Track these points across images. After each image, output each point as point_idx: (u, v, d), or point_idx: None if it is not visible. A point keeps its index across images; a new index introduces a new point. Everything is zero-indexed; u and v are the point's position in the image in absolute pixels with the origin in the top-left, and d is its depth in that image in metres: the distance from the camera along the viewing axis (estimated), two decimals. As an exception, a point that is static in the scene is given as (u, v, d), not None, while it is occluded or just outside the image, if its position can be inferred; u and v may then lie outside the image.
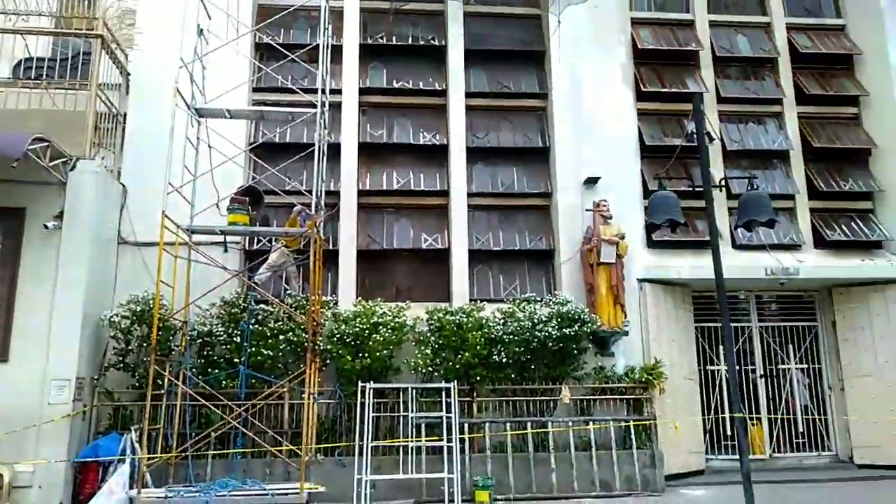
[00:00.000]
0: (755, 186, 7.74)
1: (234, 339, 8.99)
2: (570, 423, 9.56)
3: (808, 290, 12.25)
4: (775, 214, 8.02)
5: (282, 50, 9.85)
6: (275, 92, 11.19)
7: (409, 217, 11.36)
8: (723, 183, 8.42)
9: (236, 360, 8.89)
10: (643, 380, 9.93)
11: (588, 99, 11.42)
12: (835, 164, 12.31)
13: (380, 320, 9.27)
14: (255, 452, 8.64)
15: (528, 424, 9.42)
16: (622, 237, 10.49)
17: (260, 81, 11.19)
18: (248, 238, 10.43)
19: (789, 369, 12.09)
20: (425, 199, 11.38)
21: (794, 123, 12.36)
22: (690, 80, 12.13)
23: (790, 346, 12.15)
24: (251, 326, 9.00)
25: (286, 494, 7.78)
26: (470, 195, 11.26)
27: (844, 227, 11.96)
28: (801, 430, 11.87)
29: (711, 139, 11.40)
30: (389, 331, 9.23)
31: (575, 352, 9.86)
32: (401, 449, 8.91)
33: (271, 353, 8.99)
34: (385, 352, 9.16)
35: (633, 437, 9.57)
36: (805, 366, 12.13)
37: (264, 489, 7.81)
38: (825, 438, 11.87)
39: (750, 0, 13.07)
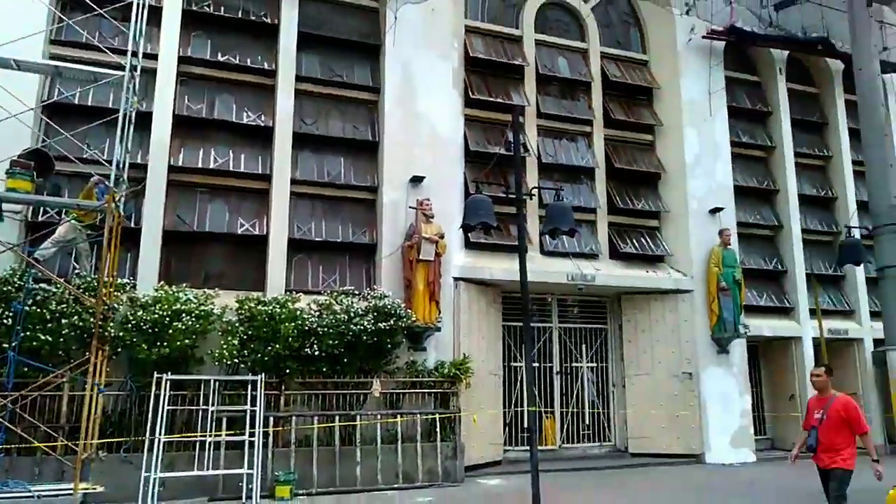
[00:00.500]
0: (561, 198, 8.34)
1: (4, 321, 7.87)
2: (379, 417, 9.67)
3: (601, 296, 13.53)
4: (577, 225, 8.75)
5: (88, 2, 8.82)
6: (78, 48, 10.02)
7: (225, 199, 10.75)
8: (534, 192, 8.98)
9: (5, 345, 7.79)
10: (452, 374, 10.31)
11: (420, 99, 11.61)
12: (631, 184, 13.72)
13: (183, 307, 8.66)
14: (21, 450, 7.65)
15: (337, 418, 9.36)
16: (442, 236, 10.81)
17: (61, 34, 9.96)
18: (31, 208, 9.21)
19: (581, 367, 13.27)
20: (245, 182, 10.85)
21: (600, 144, 13.59)
22: (515, 92, 12.83)
23: (583, 346, 13.35)
24: (26, 308, 7.94)
25: (57, 496, 6.97)
26: (294, 182, 10.93)
27: (635, 242, 13.38)
28: (587, 422, 13.09)
29: (528, 150, 12.29)
30: (193, 319, 8.66)
31: (389, 346, 9.98)
32: (197, 444, 8.40)
33: (50, 339, 8.01)
34: (187, 341, 8.58)
35: (438, 429, 9.90)
36: (594, 364, 13.39)
37: (29, 490, 6.92)
38: (607, 430, 13.19)
39: (572, 26, 14.14)
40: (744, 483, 10.46)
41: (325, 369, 9.54)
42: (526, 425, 12.11)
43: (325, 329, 9.35)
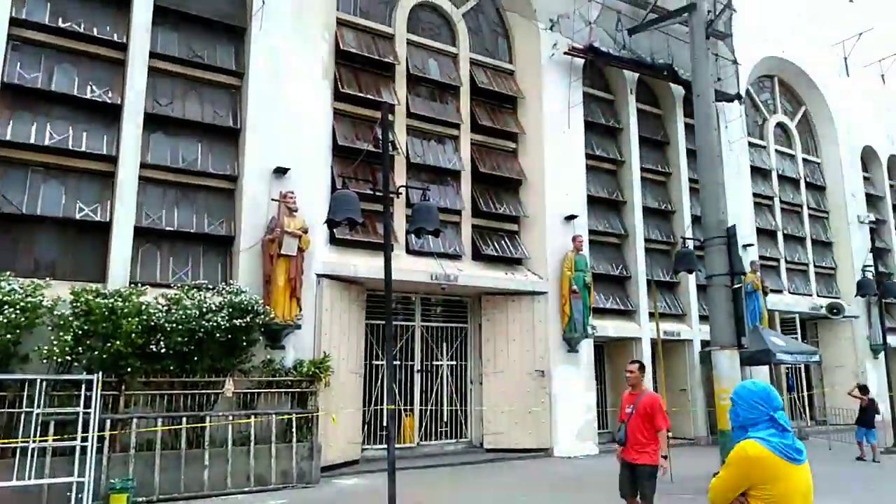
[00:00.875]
0: (428, 198, 8.41)
1: None
2: (231, 418, 9.21)
3: (463, 296, 13.84)
4: (443, 226, 8.89)
5: None
6: None
7: (62, 180, 9.73)
8: (402, 191, 8.99)
9: None
10: (311, 373, 10.06)
11: (287, 88, 11.21)
12: (494, 188, 14.18)
13: (6, 298, 7.71)
14: None
15: (184, 419, 8.79)
16: (305, 231, 10.51)
17: None
18: None
19: (442, 365, 13.49)
20: (86, 163, 9.88)
21: (467, 148, 13.91)
22: (385, 90, 12.78)
23: (444, 345, 13.58)
24: None
25: None
26: (145, 166, 10.13)
27: (496, 244, 13.84)
28: (445, 420, 13.32)
29: (396, 149, 12.29)
30: (17, 311, 7.73)
31: (245, 343, 9.53)
32: (18, 451, 7.51)
33: None
34: (9, 336, 7.65)
35: (294, 430, 9.61)
36: (454, 363, 13.67)
37: None
38: (464, 427, 13.52)
39: (444, 29, 14.35)
40: (585, 473, 11.14)
41: (172, 368, 8.92)
42: (385, 423, 12.09)
43: (174, 325, 8.73)
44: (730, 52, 17.11)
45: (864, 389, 13.83)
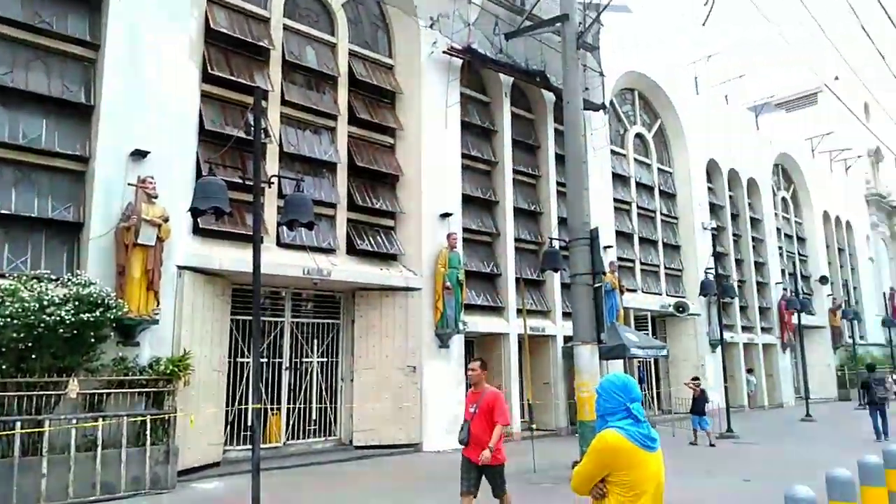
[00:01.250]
0: (302, 189, 8.13)
1: None
2: (76, 421, 8.40)
3: (336, 291, 13.59)
4: (317, 219, 8.63)
5: None
6: None
7: None
8: (274, 180, 8.63)
9: None
10: (168, 371, 9.42)
11: (148, 65, 10.39)
12: (371, 183, 14.05)
13: None
14: None
15: (18, 424, 7.90)
16: (166, 219, 9.81)
17: None
18: None
19: (312, 362, 13.17)
20: None
21: (344, 140, 13.67)
22: (259, 75, 12.25)
23: (315, 341, 13.27)
24: None
25: None
26: (-25, 141, 8.99)
27: (371, 239, 13.72)
28: (314, 418, 13.02)
29: (269, 137, 11.81)
30: None
31: (93, 340, 8.71)
32: None
33: None
34: None
35: (148, 432, 8.96)
36: (325, 359, 13.40)
37: None
38: (333, 425, 13.29)
39: (322, 17, 13.99)
40: (453, 467, 11.30)
41: (5, 367, 7.99)
42: (250, 423, 11.60)
43: (8, 320, 7.82)
44: (597, 64, 18.12)
45: (695, 380, 15.32)
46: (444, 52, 14.76)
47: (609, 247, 18.04)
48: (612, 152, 20.57)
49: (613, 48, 19.57)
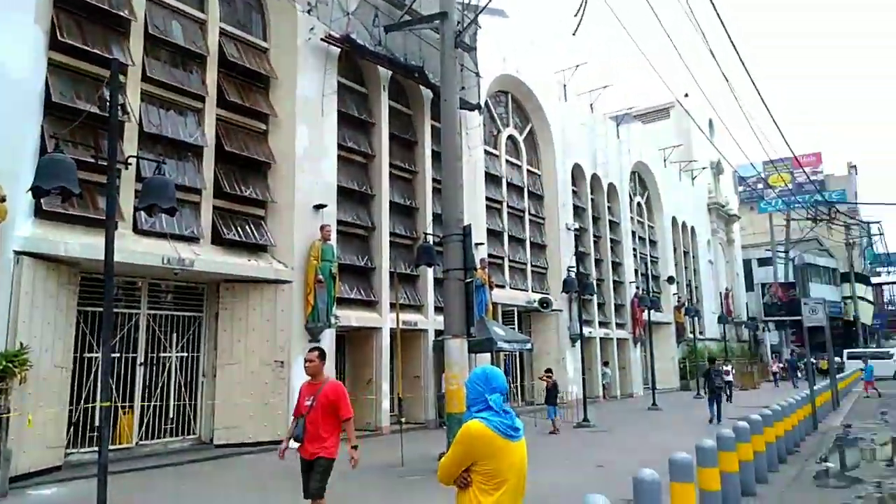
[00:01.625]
0: (163, 172, 7.62)
1: None
2: None
3: (200, 282, 12.89)
4: (180, 205, 8.12)
5: None
6: None
7: None
8: (131, 161, 8.02)
9: None
10: (2, 368, 8.47)
11: (-16, 25, 9.27)
12: (241, 170, 13.44)
13: None
14: None
15: None
16: (3, 199, 8.82)
17: None
18: None
19: (170, 357, 12.40)
20: None
21: (212, 123, 12.97)
22: (117, 47, 11.30)
23: (174, 335, 12.51)
24: None
25: None
26: None
27: (240, 229, 13.13)
28: (171, 416, 12.28)
29: (127, 114, 10.95)
30: None
31: None
32: None
33: None
34: None
35: (-26, 436, 8.02)
36: (185, 354, 12.67)
37: None
38: (192, 423, 12.60)
39: (192, -8, 13.17)
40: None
41: None
42: (98, 423, 10.71)
43: None
44: (474, 65, 18.51)
45: (548, 372, 16.30)
46: (322, 39, 14.43)
47: (480, 244, 18.53)
48: (486, 152, 21.16)
49: (490, 50, 20.12)
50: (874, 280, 67.46)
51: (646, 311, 25.35)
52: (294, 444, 5.59)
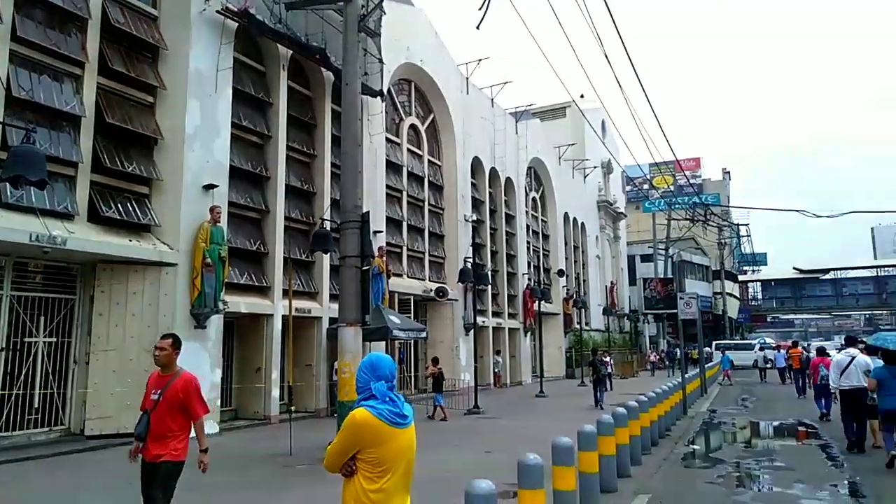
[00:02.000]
0: (33, 141, 7.01)
1: None
2: None
3: (73, 262, 11.98)
4: (51, 178, 7.49)
5: None
6: None
7: None
8: (-5, 128, 7.30)
9: None
10: None
11: None
12: (124, 144, 12.58)
13: None
14: None
15: None
16: None
17: None
18: None
19: (37, 342, 11.46)
20: None
21: (92, 92, 12.03)
22: (-18, 0, 10.23)
23: (42, 319, 11.56)
24: None
25: None
26: None
27: (121, 206, 12.30)
28: (37, 405, 11.37)
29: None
30: None
31: None
32: None
33: None
34: None
35: None
36: (55, 339, 11.74)
37: None
38: (61, 413, 11.72)
39: (72, -53, 12.12)
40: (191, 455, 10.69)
41: None
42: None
43: None
44: (377, 51, 18.30)
45: (435, 361, 16.66)
46: (217, 11, 13.75)
47: (379, 231, 18.44)
48: (387, 140, 21.03)
49: (395, 37, 19.97)
50: (741, 277, 73.70)
51: (537, 302, 26.25)
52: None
